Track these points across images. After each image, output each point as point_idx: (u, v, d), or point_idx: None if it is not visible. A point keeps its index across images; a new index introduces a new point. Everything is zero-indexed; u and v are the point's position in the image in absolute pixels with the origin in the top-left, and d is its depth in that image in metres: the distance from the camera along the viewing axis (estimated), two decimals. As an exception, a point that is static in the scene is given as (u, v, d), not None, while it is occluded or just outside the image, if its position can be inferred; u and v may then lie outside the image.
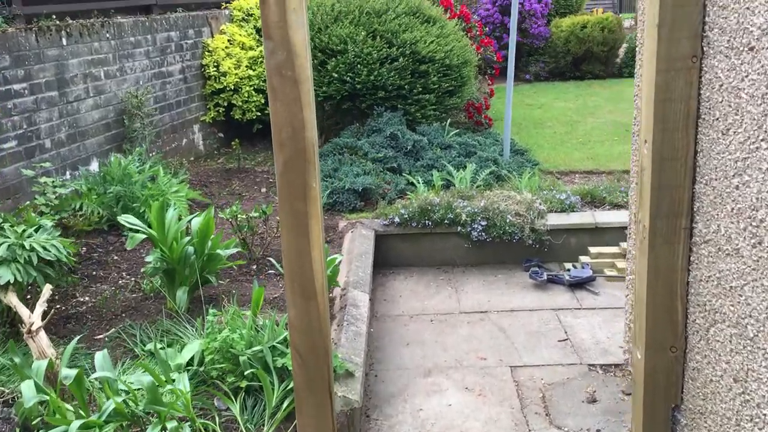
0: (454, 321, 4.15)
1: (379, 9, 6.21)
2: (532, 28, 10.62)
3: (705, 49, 1.97)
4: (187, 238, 3.41)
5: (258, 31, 7.19)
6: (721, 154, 1.92)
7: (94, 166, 4.98)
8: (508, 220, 4.72)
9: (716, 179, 1.95)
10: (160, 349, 2.91)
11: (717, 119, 1.94)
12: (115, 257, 4.25)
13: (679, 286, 2.14)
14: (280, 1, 1.89)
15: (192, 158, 6.52)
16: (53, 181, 4.18)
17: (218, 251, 3.46)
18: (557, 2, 11.64)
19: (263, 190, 5.73)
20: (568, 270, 4.64)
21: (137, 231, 3.38)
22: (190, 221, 3.56)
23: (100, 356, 2.54)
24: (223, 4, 7.25)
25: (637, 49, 2.50)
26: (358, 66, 5.94)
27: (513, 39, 6.00)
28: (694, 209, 2.10)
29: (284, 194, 2.02)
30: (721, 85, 1.90)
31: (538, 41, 10.87)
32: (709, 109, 1.98)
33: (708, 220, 2.01)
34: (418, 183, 5.26)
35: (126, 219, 3.34)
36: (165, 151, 5.98)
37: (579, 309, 4.24)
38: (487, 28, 10.05)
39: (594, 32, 10.40)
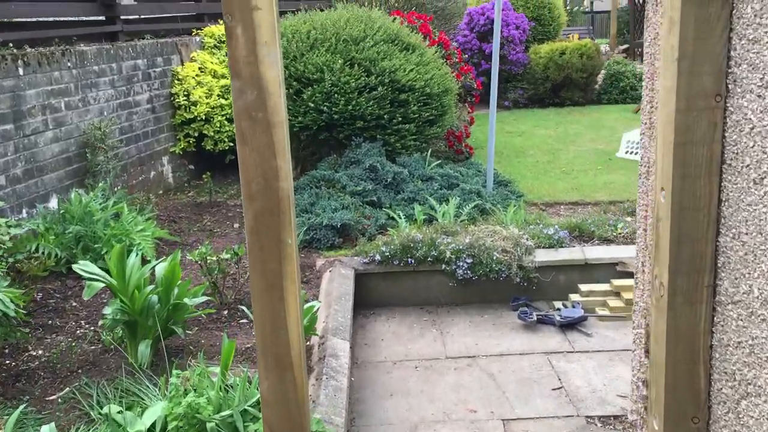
0: (441, 367, 3.89)
1: (357, 36, 6.01)
2: (510, 54, 10.53)
3: (730, 87, 1.76)
4: (151, 287, 3.13)
5: (230, 58, 6.95)
6: (753, 205, 1.70)
7: (54, 204, 4.67)
8: (494, 257, 4.50)
9: (747, 233, 1.73)
10: (118, 413, 2.62)
11: (747, 166, 1.72)
12: (74, 303, 3.93)
13: (701, 350, 1.91)
14: (249, 33, 1.65)
15: (161, 192, 6.22)
16: (7, 221, 3.87)
17: (185, 300, 3.18)
18: (535, 29, 11.59)
19: (236, 225, 5.46)
20: (559, 310, 4.43)
21: (95, 279, 3.09)
22: (154, 267, 3.28)
23: (47, 430, 2.24)
24: (194, 30, 7.02)
25: (644, 83, 2.29)
26: (335, 95, 5.72)
27: (495, 67, 5.84)
28: (719, 265, 1.88)
29: (255, 253, 1.77)
30: (752, 128, 1.69)
31: (517, 68, 10.78)
32: (737, 154, 1.76)
33: (737, 278, 1.79)
34: (400, 218, 5.03)
35: (82, 267, 3.05)
36: (131, 185, 5.68)
37: (572, 352, 4.01)
38: (465, 55, 9.93)
39: (573, 59, 10.33)
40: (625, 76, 10.87)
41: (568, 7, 16.17)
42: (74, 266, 3.08)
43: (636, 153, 7.40)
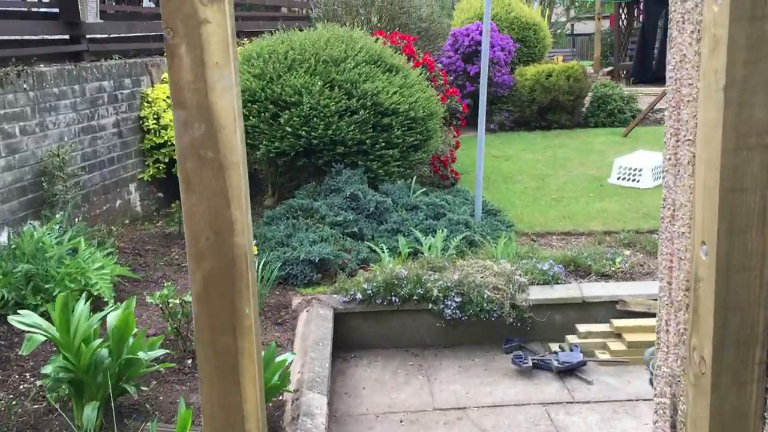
0: (428, 421, 3.54)
1: (338, 57, 5.71)
2: (495, 76, 10.30)
3: (790, 121, 1.44)
4: (99, 341, 2.76)
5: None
6: (823, 269, 1.36)
7: (4, 238, 4.28)
8: (485, 296, 4.17)
9: (814, 302, 1.39)
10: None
11: (815, 220, 1.39)
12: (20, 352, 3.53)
13: (752, 439, 1.57)
14: (195, 53, 1.32)
15: (127, 221, 5.84)
16: (-53, 260, 3.49)
17: (140, 354, 2.81)
18: (520, 50, 11.39)
19: (206, 259, 5.08)
20: (555, 353, 4.10)
21: (36, 332, 2.71)
22: (105, 316, 2.91)
23: None
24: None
25: (667, 113, 1.96)
26: (315, 119, 5.40)
27: (483, 90, 5.56)
28: (773, 336, 1.54)
29: (203, 326, 1.42)
30: (822, 174, 1.36)
31: (502, 90, 10.55)
32: (800, 204, 1.43)
33: (799, 356, 1.45)
34: (383, 252, 4.69)
35: (20, 318, 2.68)
36: (94, 215, 5.30)
37: (572, 403, 3.68)
38: (450, 77, 9.68)
39: (560, 81, 10.12)
40: (613, 98, 10.67)
41: (552, 29, 16.06)
42: (11, 318, 2.70)
43: (628, 179, 7.14)
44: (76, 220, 4.93)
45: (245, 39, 7.86)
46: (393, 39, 7.34)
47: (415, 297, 4.24)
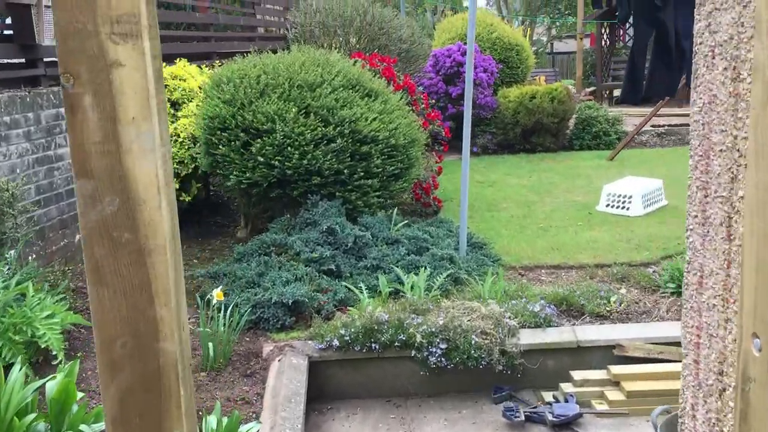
0: (413, 487, 3.20)
1: (313, 82, 5.41)
2: (478, 98, 10.07)
3: None
4: (33, 415, 2.40)
5: (173, 104, 6.29)
6: None
7: (-56, 282, 3.90)
8: (473, 342, 3.86)
9: None
10: None
11: None
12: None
13: None
14: (104, 105, 1.01)
15: (88, 256, 5.46)
16: None
17: (82, 428, 2.46)
18: (503, 71, 11.19)
19: (172, 299, 4.73)
20: (549, 404, 3.79)
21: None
22: (43, 386, 2.56)
23: None
24: (132, 74, 6.33)
25: (691, 161, 1.67)
26: (289, 148, 5.09)
27: (468, 114, 5.28)
28: None
29: (119, 460, 1.09)
30: None
31: (485, 112, 10.32)
32: None
33: None
34: (362, 293, 4.37)
35: (-62, 393, 2.32)
36: (51, 252, 4.93)
37: (570, 463, 3.36)
38: (431, 99, 9.43)
39: (544, 103, 9.91)
40: (598, 121, 10.48)
41: (534, 48, 15.93)
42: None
43: (617, 207, 6.90)
44: (30, 258, 4.56)
45: (217, 60, 7.55)
46: (372, 61, 7.07)
47: (396, 343, 3.92)
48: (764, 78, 1.18)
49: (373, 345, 3.92)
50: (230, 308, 4.02)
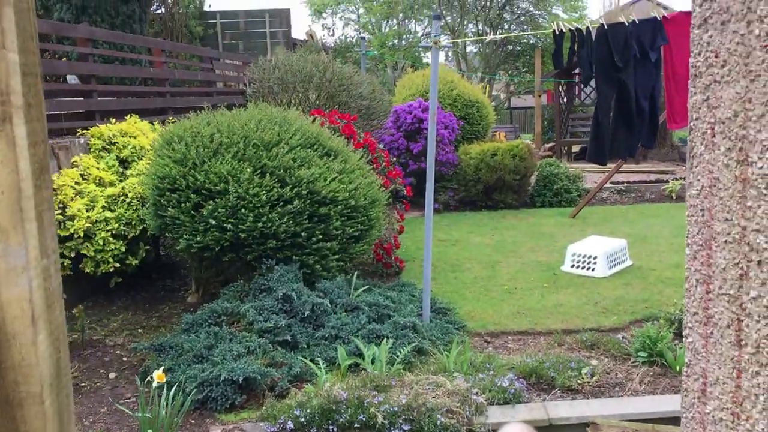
0: None
1: (270, 141, 5.19)
2: (440, 154, 9.98)
3: None
4: None
5: (122, 162, 6.00)
6: None
7: None
8: (438, 422, 3.58)
9: None
10: None
11: None
12: None
13: None
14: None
15: (23, 326, 5.05)
16: None
17: None
18: (463, 128, 11.17)
19: (112, 375, 4.36)
20: (522, 490, 3.50)
21: None
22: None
23: None
24: (79, 130, 6.05)
25: (688, 252, 1.47)
26: (243, 210, 4.82)
27: (431, 172, 5.10)
28: None
29: None
30: None
31: (447, 168, 10.23)
32: None
33: None
34: (319, 368, 4.06)
35: None
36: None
37: None
38: (392, 155, 9.29)
39: (505, 160, 9.86)
40: (559, 178, 10.46)
41: (493, 103, 16.05)
42: None
43: (582, 267, 6.75)
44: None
45: (171, 117, 7.31)
46: (332, 118, 6.91)
47: (356, 425, 3.62)
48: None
49: (331, 427, 3.61)
50: (174, 387, 3.68)
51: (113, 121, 6.30)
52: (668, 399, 4.03)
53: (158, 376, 3.41)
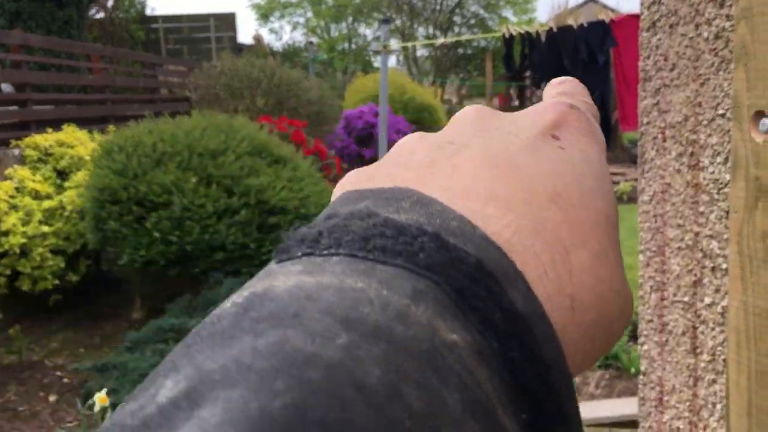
0: None
1: (215, 149, 5.10)
2: (392, 160, 9.96)
3: None
4: None
5: (59, 173, 5.82)
6: None
7: None
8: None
9: None
10: None
11: None
12: None
13: None
14: None
15: (-45, 349, 4.85)
16: None
17: None
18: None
19: (52, 398, 4.20)
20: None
21: None
22: None
23: None
24: (12, 141, 5.85)
25: (641, 258, 1.48)
26: (188, 222, 4.72)
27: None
28: None
29: None
30: None
31: (399, 174, 10.22)
32: None
33: None
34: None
35: None
36: None
37: None
38: (344, 163, 9.25)
39: (458, 165, 9.90)
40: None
41: (445, 107, 16.15)
42: None
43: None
44: None
45: (112, 126, 7.13)
46: (281, 125, 6.84)
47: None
48: (748, 175, 0.97)
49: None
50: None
51: (50, 130, 6.11)
52: (625, 402, 4.08)
53: (100, 398, 3.29)
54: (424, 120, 11.52)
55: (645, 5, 1.45)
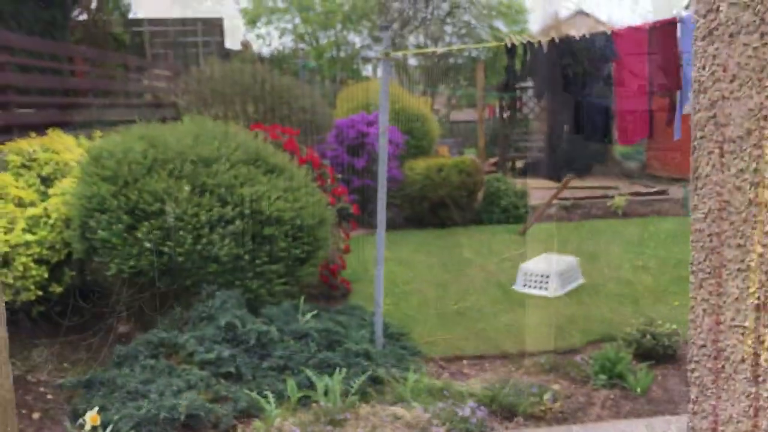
0: None
1: (209, 157, 5.02)
2: (384, 170, 9.91)
3: None
4: None
5: (44, 180, 5.70)
6: None
7: None
8: (398, 457, 3.46)
9: None
10: None
11: None
12: None
13: None
14: None
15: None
16: None
17: None
18: (408, 143, 11.15)
19: (36, 416, 4.08)
20: None
21: None
22: None
23: None
24: (-5, 146, 5.73)
25: (694, 253, 1.41)
26: (180, 231, 4.63)
27: (382, 192, 5.02)
28: None
29: None
30: None
31: (392, 185, 10.13)
32: None
33: None
34: (268, 402, 3.90)
35: None
36: None
37: None
38: (336, 172, 9.17)
39: (452, 176, 9.88)
40: (507, 194, 10.55)
41: (436, 117, 16.14)
42: None
43: (535, 287, 6.77)
44: None
45: (98, 131, 7.02)
46: (273, 133, 6.76)
47: (310, 463, 3.47)
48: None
49: (283, 467, 3.45)
50: (109, 428, 3.45)
51: (33, 135, 5.99)
52: (633, 424, 4.03)
53: (91, 417, 3.19)
54: (416, 130, 11.47)
55: (701, 13, 1.40)
